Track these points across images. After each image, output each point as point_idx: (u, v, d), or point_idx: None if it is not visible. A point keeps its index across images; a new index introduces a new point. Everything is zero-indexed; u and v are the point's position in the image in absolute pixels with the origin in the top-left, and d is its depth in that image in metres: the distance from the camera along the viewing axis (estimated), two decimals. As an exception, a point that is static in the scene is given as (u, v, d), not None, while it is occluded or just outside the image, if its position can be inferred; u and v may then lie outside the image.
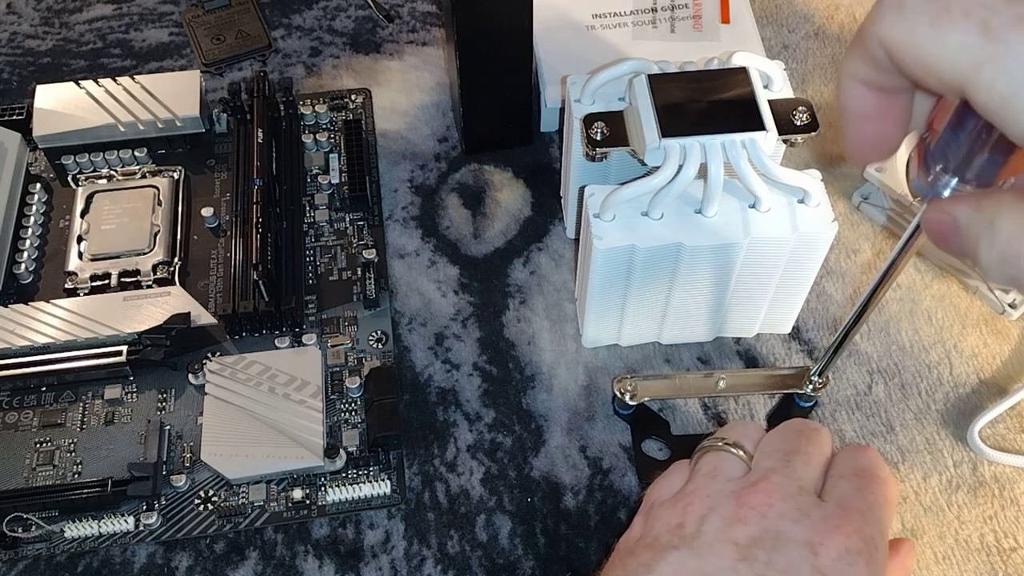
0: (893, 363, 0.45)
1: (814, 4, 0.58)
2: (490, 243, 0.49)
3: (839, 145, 0.52)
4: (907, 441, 0.43)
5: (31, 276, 0.47)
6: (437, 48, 0.57)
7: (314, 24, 0.58)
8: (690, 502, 0.32)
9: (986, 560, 0.40)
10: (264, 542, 0.41)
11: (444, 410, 0.44)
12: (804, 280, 0.42)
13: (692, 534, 0.31)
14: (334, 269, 0.48)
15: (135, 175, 0.50)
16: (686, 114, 0.37)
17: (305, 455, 0.40)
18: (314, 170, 0.51)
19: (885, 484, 0.32)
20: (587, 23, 0.53)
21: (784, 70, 0.41)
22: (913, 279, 0.48)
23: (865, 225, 0.50)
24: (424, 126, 0.54)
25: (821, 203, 0.39)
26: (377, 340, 0.45)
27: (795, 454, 0.33)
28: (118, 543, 0.40)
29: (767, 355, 0.46)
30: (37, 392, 0.44)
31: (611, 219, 0.38)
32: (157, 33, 0.58)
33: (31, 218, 0.49)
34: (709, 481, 0.33)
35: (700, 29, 0.53)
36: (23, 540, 0.40)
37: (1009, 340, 0.46)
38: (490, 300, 0.48)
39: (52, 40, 0.58)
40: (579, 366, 0.45)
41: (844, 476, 0.32)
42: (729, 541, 0.30)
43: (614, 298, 0.42)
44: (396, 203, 0.51)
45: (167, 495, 0.41)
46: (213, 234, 0.49)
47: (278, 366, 0.43)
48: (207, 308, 0.45)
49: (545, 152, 0.53)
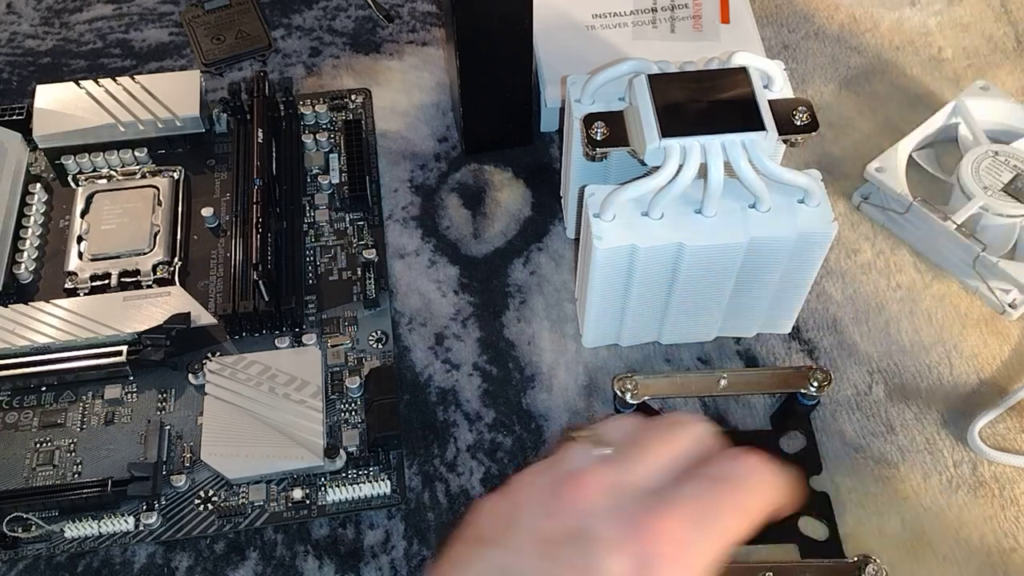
0: (893, 363, 0.45)
1: (814, 4, 0.58)
2: (490, 243, 0.49)
3: (839, 145, 0.52)
4: (907, 441, 0.43)
5: (31, 276, 0.47)
6: (437, 48, 0.57)
7: (314, 24, 0.58)
8: (518, 492, 0.31)
9: (986, 560, 0.40)
10: (264, 542, 0.41)
11: (444, 410, 0.44)
12: (804, 280, 0.42)
13: (510, 528, 0.30)
14: (334, 269, 0.48)
15: (135, 175, 0.50)
16: (686, 114, 0.37)
17: (305, 455, 0.40)
18: (314, 170, 0.51)
19: (742, 493, 0.30)
20: (587, 23, 0.53)
21: (784, 70, 0.41)
22: (913, 279, 0.48)
23: (865, 225, 0.50)
24: (424, 126, 0.54)
25: (821, 203, 0.38)
26: (377, 340, 0.45)
27: (634, 446, 0.31)
28: (118, 543, 0.40)
29: (767, 355, 0.46)
30: (37, 392, 0.44)
31: (611, 219, 0.38)
32: (157, 33, 0.58)
33: (31, 218, 0.49)
34: (544, 470, 0.31)
35: (700, 29, 0.53)
36: (23, 540, 0.40)
37: (1009, 340, 0.46)
38: (490, 300, 0.48)
39: (52, 40, 0.58)
40: (579, 366, 0.45)
41: (693, 478, 0.30)
42: (537, 537, 0.29)
43: (614, 298, 0.42)
44: (396, 203, 0.51)
45: (167, 495, 0.41)
46: (213, 234, 0.49)
47: (278, 366, 0.43)
48: (207, 308, 0.45)
49: (545, 152, 0.53)
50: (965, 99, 0.49)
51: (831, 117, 0.53)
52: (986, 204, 0.45)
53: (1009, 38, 0.57)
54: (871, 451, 0.43)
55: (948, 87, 0.54)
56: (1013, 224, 0.46)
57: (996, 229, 0.46)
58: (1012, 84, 0.54)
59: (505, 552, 0.29)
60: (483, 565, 0.29)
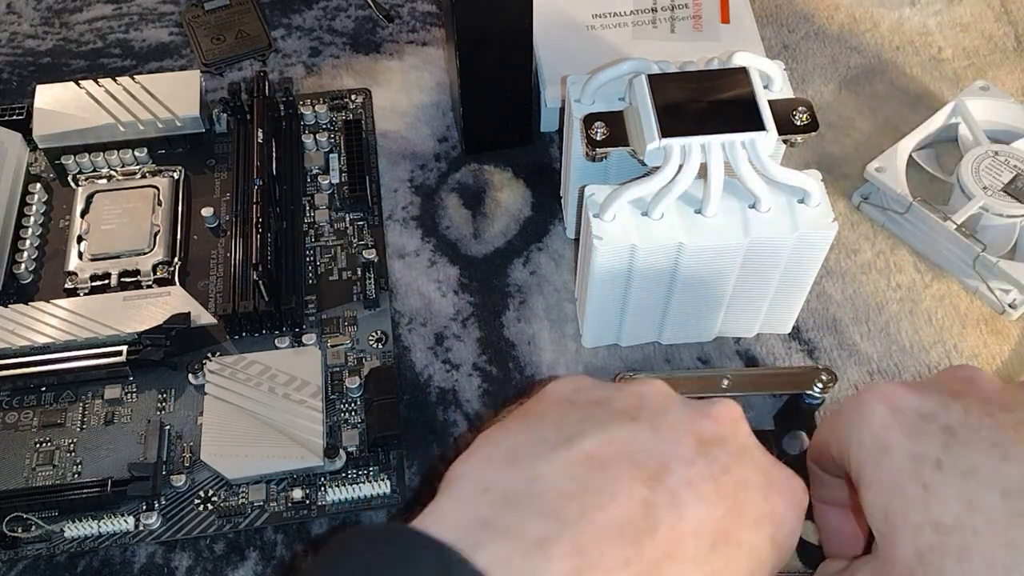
0: (893, 363, 0.45)
1: (814, 4, 0.58)
2: (490, 243, 0.49)
3: (839, 145, 0.52)
4: (907, 441, 0.43)
5: (31, 276, 0.47)
6: (437, 48, 0.57)
7: (314, 24, 0.58)
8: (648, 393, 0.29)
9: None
10: (264, 542, 0.41)
11: (444, 410, 0.44)
12: (804, 280, 0.42)
13: (655, 413, 0.28)
14: (334, 269, 0.48)
15: (135, 175, 0.50)
16: (686, 114, 0.37)
17: (305, 455, 0.40)
18: (314, 170, 0.51)
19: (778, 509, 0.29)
20: (587, 23, 0.53)
21: (784, 70, 0.41)
22: (913, 279, 0.48)
23: (865, 225, 0.50)
24: (424, 126, 0.54)
25: (821, 203, 0.38)
26: (377, 340, 0.45)
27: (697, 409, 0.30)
28: (118, 543, 0.40)
29: (767, 355, 0.46)
30: (37, 392, 0.44)
31: (611, 219, 0.38)
32: (157, 33, 0.58)
33: (31, 218, 0.49)
34: None
35: (700, 29, 0.53)
36: (23, 540, 0.40)
37: (1009, 340, 0.46)
38: (490, 300, 0.48)
39: (52, 40, 0.58)
40: (579, 366, 0.45)
41: None
42: (692, 433, 0.27)
43: (614, 298, 0.42)
44: (396, 203, 0.51)
45: (167, 495, 0.41)
46: (213, 234, 0.49)
47: (278, 366, 0.43)
48: (207, 308, 0.45)
49: (545, 152, 0.53)
50: (965, 99, 0.49)
51: (831, 117, 0.53)
52: (986, 204, 0.45)
53: (1009, 38, 0.57)
54: (871, 451, 0.43)
55: (948, 87, 0.54)
56: (1013, 224, 0.46)
57: (996, 229, 0.46)
58: (1012, 84, 0.54)
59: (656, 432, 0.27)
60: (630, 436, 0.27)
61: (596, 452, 0.26)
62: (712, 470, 0.27)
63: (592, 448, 0.27)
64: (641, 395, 0.29)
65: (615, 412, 0.28)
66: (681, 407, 0.29)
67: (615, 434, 0.27)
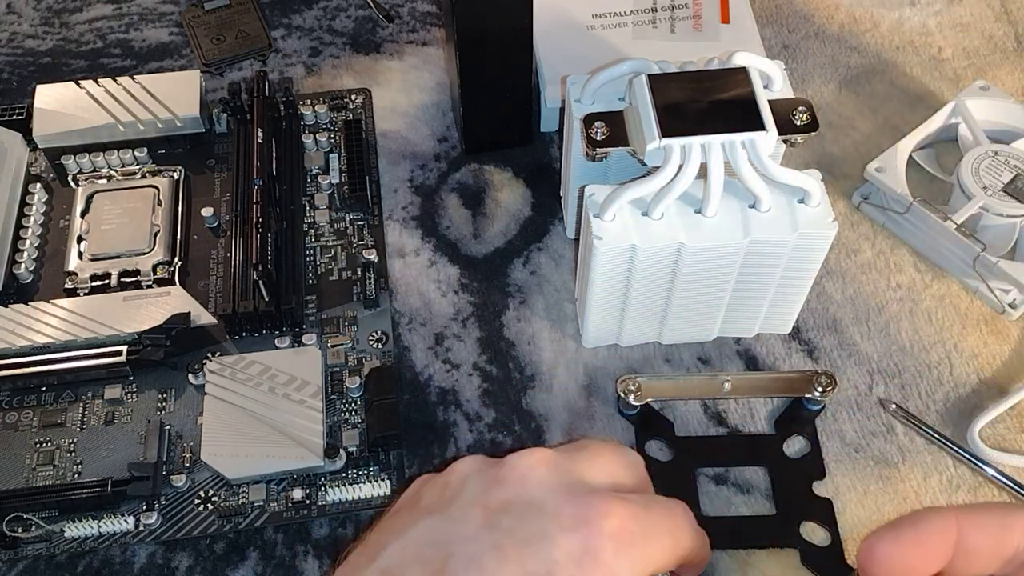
0: (893, 363, 0.45)
1: (814, 4, 0.58)
2: (490, 243, 0.49)
3: (839, 145, 0.52)
4: (907, 441, 0.43)
5: (31, 276, 0.47)
6: (437, 48, 0.57)
7: (314, 24, 0.58)
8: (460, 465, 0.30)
9: (986, 560, 0.40)
10: (264, 542, 0.41)
11: (444, 410, 0.44)
12: (804, 280, 0.42)
13: (451, 498, 0.29)
14: (334, 269, 0.48)
15: (135, 175, 0.50)
16: (686, 114, 0.37)
17: (305, 455, 0.40)
18: (314, 170, 0.51)
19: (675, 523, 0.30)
20: (587, 23, 0.53)
21: (784, 70, 0.41)
22: (913, 279, 0.48)
23: (865, 225, 0.50)
24: (424, 126, 0.54)
25: (821, 203, 0.38)
26: (377, 340, 0.45)
27: (578, 451, 0.31)
28: (118, 543, 0.40)
29: (767, 355, 0.46)
30: (37, 392, 0.44)
31: (611, 219, 0.38)
32: (157, 33, 0.58)
33: (31, 218, 0.49)
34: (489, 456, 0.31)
35: (700, 29, 0.53)
36: (23, 540, 0.40)
37: (1009, 340, 0.46)
38: (490, 300, 0.48)
39: (52, 40, 0.58)
40: (579, 366, 0.45)
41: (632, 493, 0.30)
42: (479, 505, 0.28)
43: (614, 298, 0.42)
44: (396, 203, 0.51)
45: (167, 495, 0.41)
46: (213, 234, 0.49)
47: (278, 366, 0.43)
48: (207, 308, 0.45)
49: (545, 152, 0.53)
50: (965, 99, 0.49)
51: (831, 117, 0.53)
52: (986, 204, 0.45)
53: (1009, 38, 0.57)
54: (871, 451, 0.43)
55: (948, 87, 0.54)
56: (1013, 224, 0.46)
57: (996, 229, 0.46)
58: (1012, 84, 0.54)
59: (446, 519, 0.28)
60: (421, 533, 0.28)
61: (390, 565, 0.27)
62: (494, 539, 0.27)
63: (387, 563, 0.28)
64: (446, 483, 0.30)
65: (419, 511, 0.29)
66: (476, 481, 0.29)
67: (410, 538, 0.28)
